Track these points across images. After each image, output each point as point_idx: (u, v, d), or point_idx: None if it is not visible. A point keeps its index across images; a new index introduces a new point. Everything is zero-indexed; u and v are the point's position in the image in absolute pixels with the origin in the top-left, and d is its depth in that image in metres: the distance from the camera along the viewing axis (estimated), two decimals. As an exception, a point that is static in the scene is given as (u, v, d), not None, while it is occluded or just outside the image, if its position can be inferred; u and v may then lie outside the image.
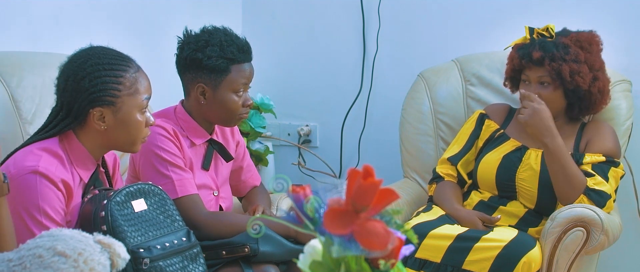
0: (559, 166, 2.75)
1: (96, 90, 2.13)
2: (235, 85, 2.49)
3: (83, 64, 2.15)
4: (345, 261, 1.29)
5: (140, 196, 2.22)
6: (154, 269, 2.14)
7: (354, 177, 1.24)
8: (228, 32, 2.53)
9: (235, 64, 2.49)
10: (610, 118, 3.01)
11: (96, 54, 2.17)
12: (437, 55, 3.40)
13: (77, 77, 2.13)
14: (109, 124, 2.15)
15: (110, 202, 2.13)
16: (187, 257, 2.23)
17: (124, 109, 2.15)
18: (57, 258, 1.80)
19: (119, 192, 2.17)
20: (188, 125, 2.54)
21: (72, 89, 2.14)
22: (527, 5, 3.35)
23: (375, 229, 1.24)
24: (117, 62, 2.17)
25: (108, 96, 2.13)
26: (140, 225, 2.18)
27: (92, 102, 2.13)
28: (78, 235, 1.87)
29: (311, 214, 1.30)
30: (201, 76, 2.48)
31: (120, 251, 1.90)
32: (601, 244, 2.69)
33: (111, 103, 2.14)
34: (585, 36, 2.88)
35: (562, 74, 2.79)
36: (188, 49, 2.49)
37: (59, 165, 2.12)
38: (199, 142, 2.55)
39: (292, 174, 3.66)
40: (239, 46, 2.50)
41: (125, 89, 2.15)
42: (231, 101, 2.50)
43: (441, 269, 2.68)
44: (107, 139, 2.18)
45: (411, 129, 3.28)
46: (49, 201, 2.08)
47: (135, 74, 2.19)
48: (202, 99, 2.50)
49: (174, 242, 2.21)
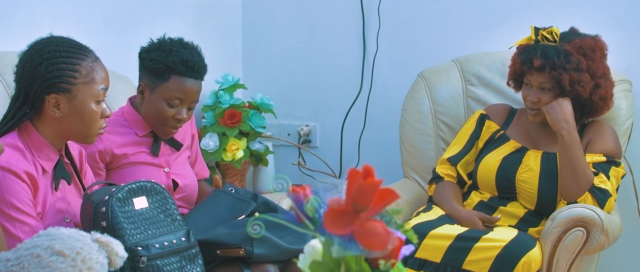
0: (571, 159, 2.75)
1: (52, 76, 2.14)
2: (168, 95, 2.58)
3: (41, 50, 2.17)
4: (345, 261, 1.29)
5: (142, 194, 2.22)
6: (151, 268, 2.14)
7: (354, 177, 1.24)
8: (187, 45, 2.62)
9: (175, 75, 2.57)
10: (610, 118, 3.01)
11: (55, 41, 2.19)
12: (437, 55, 3.40)
13: (33, 63, 2.15)
14: (64, 111, 2.16)
15: (112, 199, 2.14)
16: (186, 257, 2.23)
17: (79, 97, 2.16)
18: (55, 257, 1.80)
19: (121, 189, 2.18)
20: (132, 118, 2.65)
21: (28, 75, 2.15)
22: (527, 5, 3.35)
23: (375, 229, 1.24)
24: (74, 51, 2.18)
25: (63, 83, 2.14)
26: (140, 223, 2.18)
27: (48, 88, 2.14)
28: (76, 234, 1.88)
29: (311, 214, 1.30)
30: (145, 76, 2.61)
31: (118, 249, 1.91)
32: (601, 244, 2.69)
33: (66, 90, 2.15)
34: (589, 42, 2.86)
35: (562, 83, 2.79)
36: (143, 49, 2.63)
37: (20, 157, 2.12)
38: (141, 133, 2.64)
39: (292, 174, 3.66)
40: (185, 60, 2.56)
41: (81, 77, 2.16)
42: (161, 109, 2.59)
43: (441, 269, 2.68)
44: (62, 127, 2.18)
45: (411, 129, 3.28)
46: (16, 194, 2.08)
47: (92, 63, 2.20)
48: (140, 97, 2.63)
49: (173, 242, 2.21)
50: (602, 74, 2.87)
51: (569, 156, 2.77)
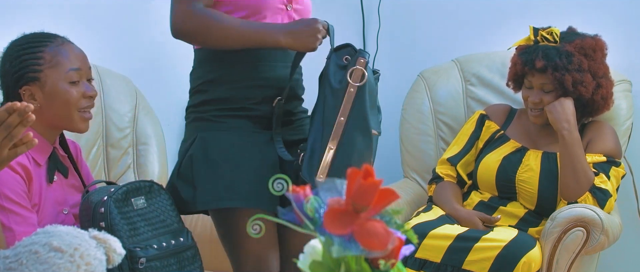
0: (571, 159, 2.76)
1: (17, 70, 2.16)
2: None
3: (7, 50, 2.20)
4: (345, 261, 1.29)
5: (141, 194, 2.21)
6: (150, 269, 2.14)
7: (354, 177, 1.24)
8: None
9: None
10: (610, 118, 3.01)
11: (18, 38, 2.22)
12: (437, 55, 3.40)
13: (2, 64, 2.19)
14: (40, 101, 2.16)
15: (110, 199, 2.13)
16: (184, 258, 2.23)
17: (49, 82, 2.16)
18: (53, 254, 1.81)
19: (119, 189, 2.17)
20: None
21: (1, 76, 2.20)
22: (527, 5, 3.35)
23: (375, 229, 1.24)
24: (36, 40, 2.20)
25: (29, 72, 2.15)
26: (139, 224, 2.17)
27: (18, 82, 2.16)
28: (74, 231, 1.88)
29: (311, 214, 1.30)
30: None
31: (116, 246, 1.91)
32: (601, 244, 2.69)
33: (35, 78, 2.15)
34: (590, 43, 2.86)
35: (564, 84, 2.79)
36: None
37: None
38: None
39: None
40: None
41: (46, 63, 2.16)
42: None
43: (441, 269, 2.68)
44: (45, 117, 2.17)
45: (411, 129, 3.28)
46: (9, 184, 2.08)
47: (58, 47, 2.19)
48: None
49: (172, 243, 2.20)
50: (603, 73, 2.87)
51: (570, 156, 2.77)
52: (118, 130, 2.88)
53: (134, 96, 2.94)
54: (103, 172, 2.83)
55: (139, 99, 2.95)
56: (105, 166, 2.85)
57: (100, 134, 2.84)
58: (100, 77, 2.86)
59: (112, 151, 2.87)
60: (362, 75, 2.20)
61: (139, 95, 2.95)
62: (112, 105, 2.87)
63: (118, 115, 2.88)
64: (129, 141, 2.91)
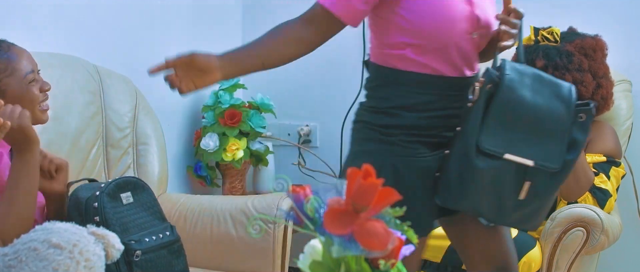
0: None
1: None
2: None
3: None
4: (345, 261, 1.29)
5: (128, 189, 2.26)
6: (145, 262, 2.17)
7: (354, 177, 1.24)
8: None
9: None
10: (610, 118, 3.01)
11: None
12: (437, 55, 3.39)
13: None
14: None
15: (103, 194, 2.17)
16: (171, 251, 2.28)
17: (9, 90, 2.16)
18: (52, 250, 1.81)
19: (109, 184, 2.21)
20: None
21: None
22: (527, 5, 3.34)
23: (375, 229, 1.24)
24: None
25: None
26: (129, 218, 2.23)
27: None
28: (72, 227, 1.90)
29: (311, 214, 1.30)
30: None
31: (115, 241, 1.93)
32: (601, 244, 2.69)
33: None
34: (590, 42, 2.86)
35: None
36: None
37: None
38: None
39: (292, 174, 3.66)
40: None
41: (1, 73, 2.16)
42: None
43: (441, 269, 2.68)
44: None
45: (411, 129, 3.28)
46: None
47: (6, 54, 2.18)
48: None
49: (160, 236, 2.26)
50: (603, 73, 2.87)
51: None
52: (118, 130, 2.88)
53: (134, 96, 2.94)
54: (103, 172, 2.83)
55: (139, 99, 2.95)
56: (105, 166, 2.85)
57: (100, 134, 2.84)
58: (100, 77, 2.86)
59: (112, 150, 2.87)
60: None
61: (139, 95, 2.95)
62: (112, 106, 2.87)
63: (118, 115, 2.88)
64: (129, 141, 2.91)
